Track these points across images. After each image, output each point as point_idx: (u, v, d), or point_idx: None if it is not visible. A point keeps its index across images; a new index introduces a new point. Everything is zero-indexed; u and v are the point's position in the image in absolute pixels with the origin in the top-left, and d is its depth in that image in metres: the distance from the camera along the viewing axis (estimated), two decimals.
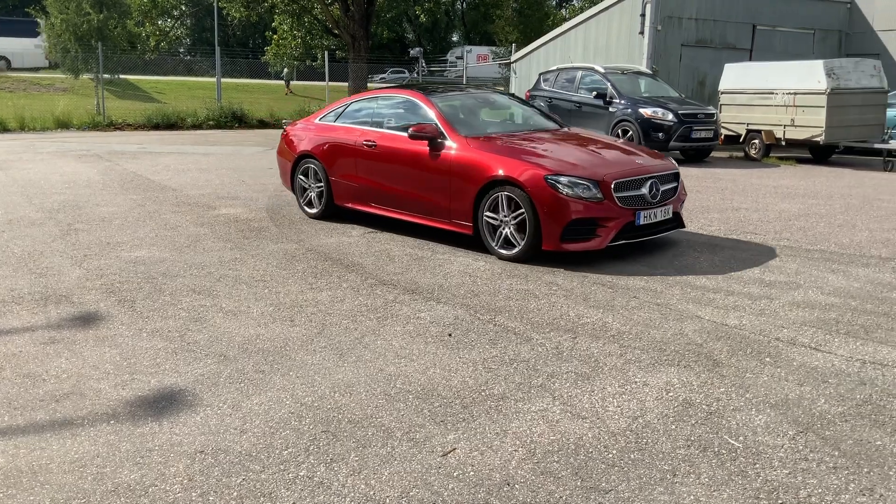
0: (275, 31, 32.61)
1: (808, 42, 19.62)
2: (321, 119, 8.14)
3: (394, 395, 3.60)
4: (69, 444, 3.11)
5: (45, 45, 24.00)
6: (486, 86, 13.18)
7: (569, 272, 5.84)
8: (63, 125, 20.05)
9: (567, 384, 3.73)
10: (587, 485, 2.82)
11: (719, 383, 3.75)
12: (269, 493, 2.76)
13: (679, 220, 6.71)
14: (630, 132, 13.33)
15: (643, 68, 16.22)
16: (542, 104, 14.14)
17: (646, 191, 6.22)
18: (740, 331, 4.53)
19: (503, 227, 6.20)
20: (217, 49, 25.13)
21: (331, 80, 25.14)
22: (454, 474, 2.90)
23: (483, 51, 46.67)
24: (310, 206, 8.02)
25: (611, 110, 13.81)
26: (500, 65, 34.12)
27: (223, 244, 6.78)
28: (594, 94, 14.21)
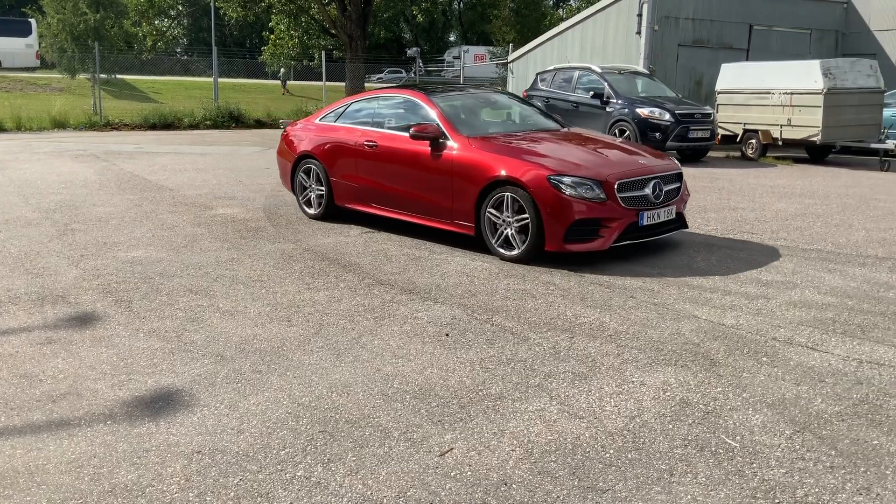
0: (272, 31, 32.60)
1: (804, 42, 19.65)
2: (321, 119, 8.09)
3: (391, 395, 3.60)
4: (66, 445, 3.11)
5: (40, 44, 23.95)
6: (484, 85, 13.18)
7: (566, 272, 5.85)
8: (60, 125, 20.02)
9: (564, 384, 3.73)
10: (584, 484, 2.82)
11: (716, 383, 3.76)
12: (266, 494, 2.76)
13: (682, 220, 6.68)
14: (627, 132, 13.33)
15: (640, 68, 16.23)
16: (539, 104, 14.14)
17: (649, 191, 6.19)
18: (737, 330, 4.53)
19: (506, 227, 6.16)
20: (214, 49, 25.12)
21: (328, 80, 25.13)
22: (451, 474, 2.90)
23: (480, 51, 46.70)
24: (310, 207, 7.98)
25: (608, 110, 13.82)
26: (497, 65, 34.13)
27: (220, 244, 6.77)
28: (591, 93, 14.22)
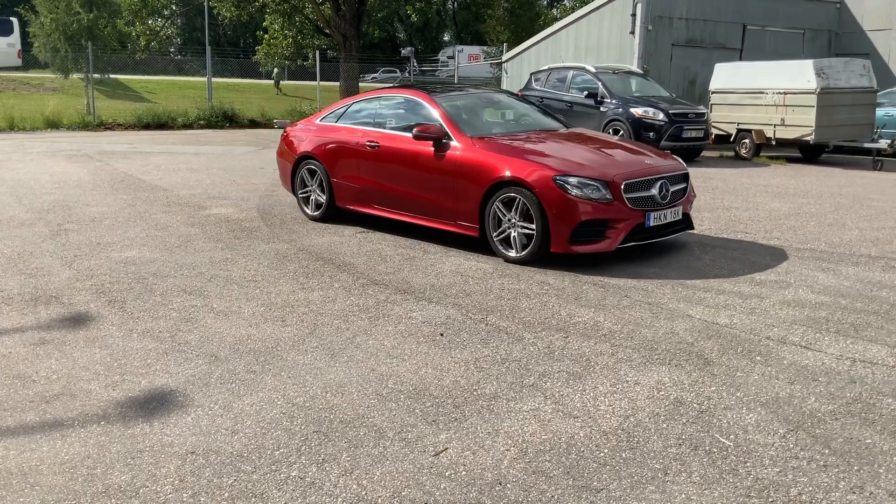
0: (266, 31, 32.59)
1: (797, 42, 19.72)
2: (322, 120, 8.01)
3: (385, 394, 3.60)
4: (59, 446, 3.10)
5: (33, 44, 23.81)
6: (482, 85, 13.18)
7: (560, 272, 5.85)
8: (53, 125, 19.95)
9: (559, 383, 3.74)
10: (579, 484, 2.83)
11: (710, 382, 3.77)
12: (260, 494, 2.75)
13: (689, 221, 6.61)
14: (621, 132, 13.35)
15: (634, 68, 16.26)
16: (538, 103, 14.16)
17: (655, 192, 6.12)
18: (731, 330, 4.55)
19: (511, 229, 6.09)
20: (208, 48, 25.09)
21: (322, 79, 25.08)
22: (446, 474, 2.90)
23: (474, 50, 46.72)
24: (310, 208, 7.89)
25: (602, 110, 13.84)
26: (491, 64, 34.14)
27: (214, 244, 6.75)
28: (585, 93, 14.24)
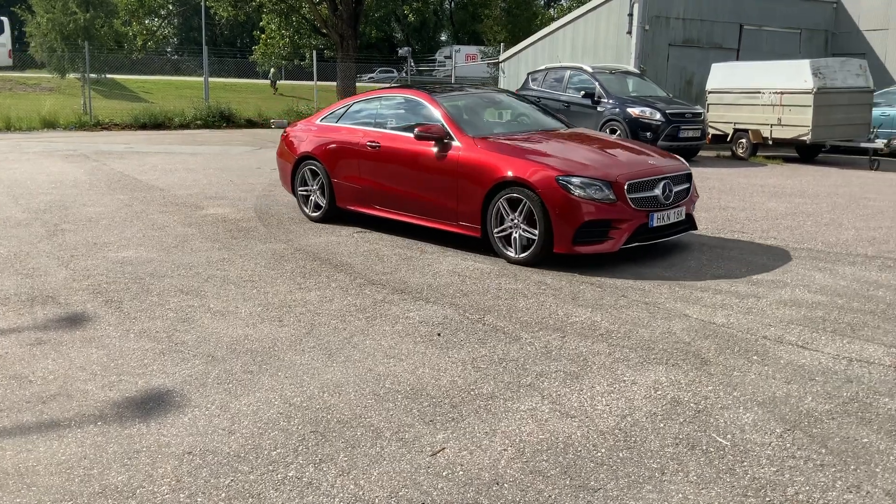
0: (262, 31, 32.54)
1: (794, 42, 19.75)
2: (322, 120, 7.97)
3: (383, 394, 3.60)
4: (56, 446, 3.09)
5: (30, 44, 23.78)
6: (481, 85, 13.17)
7: (557, 271, 5.85)
8: (49, 125, 19.92)
9: (556, 383, 3.74)
10: (576, 483, 2.83)
11: (707, 382, 3.77)
12: (257, 494, 2.75)
13: (692, 221, 6.58)
14: (618, 132, 13.36)
15: (631, 68, 16.26)
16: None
17: (659, 192, 6.08)
18: (728, 329, 4.55)
19: (513, 229, 6.06)
20: (204, 48, 25.05)
21: (319, 79, 25.07)
22: (443, 474, 2.90)
23: (471, 50, 46.73)
24: (311, 209, 7.86)
25: (599, 110, 13.85)
26: (488, 64, 34.15)
27: (211, 244, 6.74)
28: (582, 93, 14.25)
